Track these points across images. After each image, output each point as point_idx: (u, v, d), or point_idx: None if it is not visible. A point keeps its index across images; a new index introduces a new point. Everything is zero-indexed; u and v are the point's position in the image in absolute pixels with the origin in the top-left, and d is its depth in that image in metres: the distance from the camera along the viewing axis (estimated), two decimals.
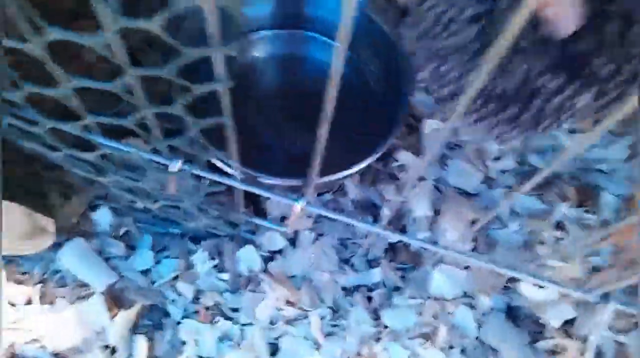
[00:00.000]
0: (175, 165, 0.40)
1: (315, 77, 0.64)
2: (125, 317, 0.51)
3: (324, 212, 0.42)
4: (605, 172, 0.62)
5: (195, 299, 0.54)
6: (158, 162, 0.39)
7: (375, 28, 0.59)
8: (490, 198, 0.60)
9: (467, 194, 0.61)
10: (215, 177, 0.41)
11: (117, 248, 0.55)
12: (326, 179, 0.49)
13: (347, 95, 0.65)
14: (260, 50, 0.65)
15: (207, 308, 0.53)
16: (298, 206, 0.40)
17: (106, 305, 0.51)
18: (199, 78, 0.27)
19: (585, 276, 0.56)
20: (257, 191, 0.41)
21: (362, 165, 0.52)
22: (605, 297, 0.42)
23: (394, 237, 0.56)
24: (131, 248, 0.56)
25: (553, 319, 0.53)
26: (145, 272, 0.55)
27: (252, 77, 0.63)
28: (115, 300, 0.52)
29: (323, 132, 0.32)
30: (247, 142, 0.61)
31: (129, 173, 0.44)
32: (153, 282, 0.54)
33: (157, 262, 0.55)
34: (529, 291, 0.55)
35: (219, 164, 0.50)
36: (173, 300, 0.53)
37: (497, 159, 0.62)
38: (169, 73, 0.28)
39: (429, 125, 0.62)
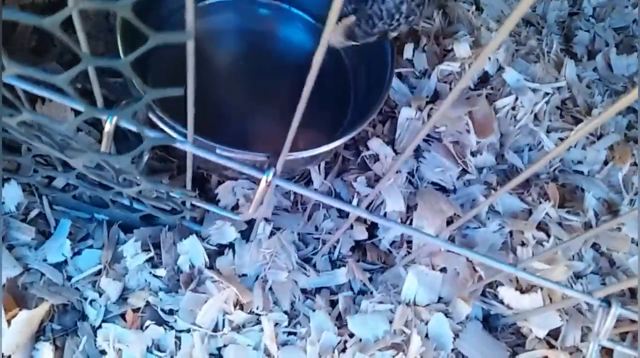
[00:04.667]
0: (111, 121, 0.31)
1: (282, 50, 0.57)
2: (27, 319, 0.40)
3: (294, 188, 0.34)
4: (585, 174, 0.59)
5: (122, 299, 0.44)
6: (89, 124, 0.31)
7: None
8: (467, 195, 0.54)
9: (443, 190, 0.55)
10: (165, 140, 0.32)
11: (26, 234, 0.44)
12: (298, 154, 0.42)
13: (319, 76, 0.58)
14: (223, 16, 0.57)
15: (136, 311, 0.43)
16: (266, 179, 0.32)
17: (2, 303, 0.40)
18: None
19: (569, 282, 0.51)
20: (217, 159, 0.33)
21: (334, 144, 0.45)
22: (607, 301, 0.37)
23: (377, 220, 0.49)
24: (44, 235, 0.45)
25: (537, 328, 0.48)
26: (59, 265, 0.44)
27: (212, 44, 0.55)
28: (17, 298, 0.42)
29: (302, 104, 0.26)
30: (200, 112, 0.52)
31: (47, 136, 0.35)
32: (69, 278, 0.44)
33: (76, 253, 0.45)
34: (510, 297, 0.49)
35: (167, 130, 0.41)
36: (92, 300, 0.43)
37: (475, 154, 0.56)
38: (124, 10, 0.21)
39: (404, 114, 0.56)
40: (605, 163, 0.59)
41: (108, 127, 0.32)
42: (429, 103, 0.58)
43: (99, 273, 0.44)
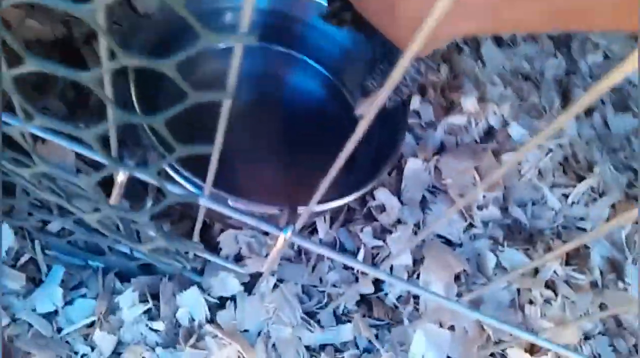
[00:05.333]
0: (125, 172, 0.30)
1: (293, 101, 0.56)
2: None
3: (313, 247, 0.32)
4: (587, 231, 0.58)
5: (115, 355, 0.41)
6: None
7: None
8: (473, 250, 0.53)
9: (449, 243, 0.54)
10: (188, 197, 0.31)
11: (15, 281, 0.41)
12: (324, 206, 0.40)
13: (333, 129, 0.57)
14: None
15: None
16: (284, 237, 0.31)
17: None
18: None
19: (579, 343, 0.49)
20: (233, 214, 0.31)
21: (349, 198, 0.43)
22: None
23: (387, 278, 0.47)
24: (34, 282, 0.43)
25: None
26: (49, 315, 0.41)
27: (223, 89, 0.54)
28: (2, 351, 0.38)
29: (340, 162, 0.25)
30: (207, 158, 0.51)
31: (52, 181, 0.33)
32: (59, 330, 0.41)
33: (68, 303, 0.42)
34: None
35: (178, 179, 0.39)
36: (83, 355, 0.40)
37: (481, 207, 0.56)
38: (168, 68, 0.20)
39: (411, 165, 0.56)
40: (607, 220, 0.59)
41: (121, 178, 0.30)
42: (435, 154, 0.57)
43: (91, 325, 0.41)
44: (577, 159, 0.63)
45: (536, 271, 0.53)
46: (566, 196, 0.60)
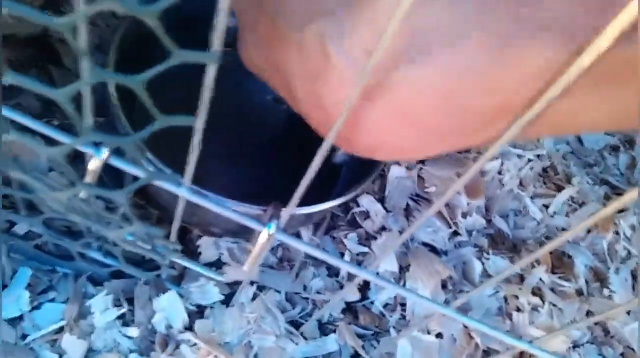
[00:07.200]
0: (100, 155, 0.27)
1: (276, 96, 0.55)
2: None
3: (299, 245, 0.31)
4: (569, 241, 0.58)
5: None
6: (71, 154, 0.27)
7: None
8: (459, 257, 0.53)
9: (434, 250, 0.53)
10: (165, 178, 0.29)
11: None
12: (298, 210, 0.39)
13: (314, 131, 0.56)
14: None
15: None
16: (267, 233, 0.29)
17: None
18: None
19: (567, 351, 0.48)
20: (216, 208, 0.29)
21: (340, 200, 0.41)
22: None
23: (383, 284, 0.46)
24: None
25: None
26: (14, 321, 0.38)
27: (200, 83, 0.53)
28: None
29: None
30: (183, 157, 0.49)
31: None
32: (24, 336, 0.38)
33: (35, 307, 0.39)
34: None
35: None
36: None
37: (465, 215, 0.55)
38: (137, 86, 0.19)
39: (394, 172, 0.55)
40: (588, 231, 0.60)
41: (95, 164, 0.28)
42: (418, 162, 0.57)
43: (60, 330, 0.39)
44: (556, 170, 0.64)
45: (522, 279, 0.53)
46: (547, 206, 0.60)
